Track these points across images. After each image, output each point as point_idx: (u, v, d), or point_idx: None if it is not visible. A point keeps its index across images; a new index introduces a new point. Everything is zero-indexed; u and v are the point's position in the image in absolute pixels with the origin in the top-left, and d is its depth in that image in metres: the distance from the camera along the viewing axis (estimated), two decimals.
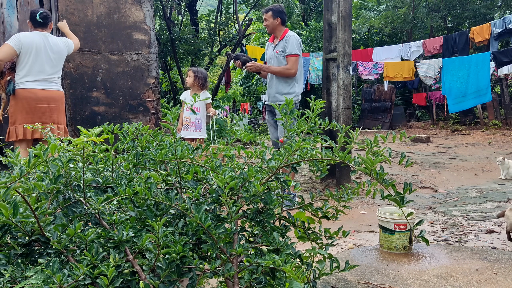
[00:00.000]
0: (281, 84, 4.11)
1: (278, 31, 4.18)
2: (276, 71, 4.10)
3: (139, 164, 1.47)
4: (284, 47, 4.08)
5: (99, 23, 4.64)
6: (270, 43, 4.30)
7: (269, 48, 4.30)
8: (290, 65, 4.04)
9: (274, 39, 4.25)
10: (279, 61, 4.11)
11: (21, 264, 1.15)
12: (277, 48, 4.13)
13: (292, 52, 4.03)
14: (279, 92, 4.12)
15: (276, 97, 4.14)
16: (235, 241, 1.29)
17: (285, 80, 4.11)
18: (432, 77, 10.45)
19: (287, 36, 4.10)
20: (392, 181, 1.31)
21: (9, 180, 1.09)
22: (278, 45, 4.14)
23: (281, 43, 4.11)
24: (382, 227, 2.61)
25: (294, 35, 4.10)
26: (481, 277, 2.10)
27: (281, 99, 4.06)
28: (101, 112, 4.69)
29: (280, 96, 4.10)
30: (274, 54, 4.15)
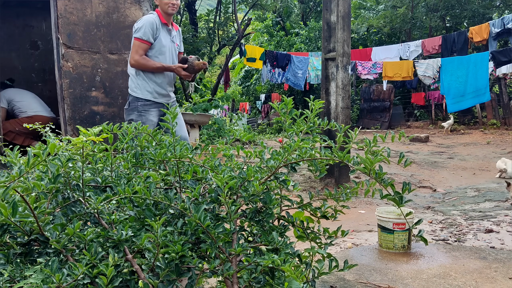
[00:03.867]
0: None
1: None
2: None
3: (138, 163, 1.47)
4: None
5: (98, 22, 4.63)
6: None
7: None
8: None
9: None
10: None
11: (20, 264, 1.15)
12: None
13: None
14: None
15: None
16: (234, 240, 1.29)
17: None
18: (431, 77, 10.46)
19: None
20: (391, 181, 1.31)
21: (8, 180, 1.09)
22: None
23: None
24: (381, 226, 2.61)
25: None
26: (480, 276, 2.10)
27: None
28: (100, 111, 4.68)
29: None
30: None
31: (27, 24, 6.52)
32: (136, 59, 3.13)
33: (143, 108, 3.17)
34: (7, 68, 6.09)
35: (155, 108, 3.21)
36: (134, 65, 3.18)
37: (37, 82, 6.61)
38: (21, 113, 5.16)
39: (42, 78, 6.66)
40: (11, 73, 6.07)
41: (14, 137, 4.97)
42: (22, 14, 6.42)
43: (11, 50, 6.39)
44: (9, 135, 4.94)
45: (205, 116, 6.83)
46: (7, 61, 6.24)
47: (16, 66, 6.42)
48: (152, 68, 3.15)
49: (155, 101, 3.20)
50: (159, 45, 3.16)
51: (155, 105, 3.20)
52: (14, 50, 6.43)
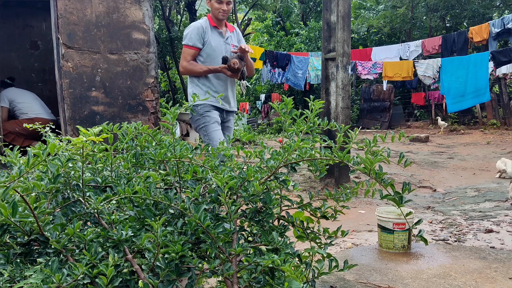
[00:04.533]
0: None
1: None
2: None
3: (138, 163, 1.47)
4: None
5: (98, 22, 4.64)
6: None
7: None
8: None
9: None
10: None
11: (20, 264, 1.15)
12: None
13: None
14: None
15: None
16: (234, 240, 1.29)
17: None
18: (431, 77, 10.46)
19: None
20: (391, 181, 1.31)
21: (8, 180, 1.09)
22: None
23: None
24: (381, 226, 2.61)
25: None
26: (480, 276, 2.10)
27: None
28: (100, 111, 4.68)
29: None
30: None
31: (27, 24, 6.52)
32: (183, 66, 3.13)
33: (203, 109, 3.11)
34: (7, 68, 6.09)
35: (215, 109, 3.15)
36: (183, 72, 3.19)
37: (37, 82, 6.62)
38: (21, 114, 5.16)
39: (42, 78, 6.67)
40: (11, 73, 6.07)
41: (14, 138, 4.97)
42: (22, 14, 6.43)
43: (11, 50, 6.40)
44: (9, 136, 4.94)
45: None
46: (7, 61, 6.24)
47: (16, 66, 6.43)
48: (199, 73, 3.12)
49: (214, 105, 3.13)
50: (209, 49, 3.12)
51: (214, 107, 3.14)
52: (14, 50, 6.43)
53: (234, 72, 3.06)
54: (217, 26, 3.18)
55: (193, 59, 3.13)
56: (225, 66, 3.05)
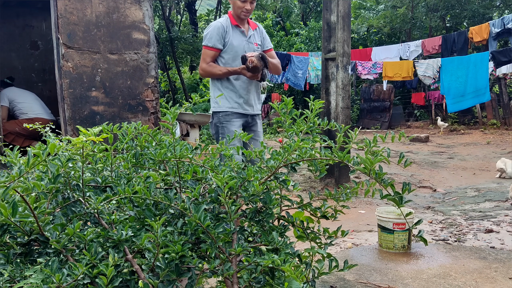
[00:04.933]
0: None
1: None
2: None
3: (138, 163, 1.47)
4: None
5: (98, 22, 4.63)
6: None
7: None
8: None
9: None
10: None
11: (20, 264, 1.15)
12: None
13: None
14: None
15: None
16: (234, 240, 1.29)
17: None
18: (431, 77, 10.46)
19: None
20: (391, 181, 1.31)
21: (8, 180, 1.09)
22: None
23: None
24: (381, 226, 2.61)
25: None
26: (480, 276, 2.10)
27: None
28: (100, 111, 4.68)
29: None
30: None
31: (27, 24, 6.52)
32: (203, 68, 2.98)
33: (224, 118, 2.97)
34: (7, 68, 6.09)
35: (237, 118, 2.98)
36: (202, 74, 3.04)
37: (37, 82, 6.62)
38: (21, 114, 5.16)
39: (42, 78, 6.67)
40: (11, 73, 6.08)
41: (14, 138, 4.97)
42: (22, 14, 6.43)
43: (11, 50, 6.40)
44: (9, 137, 4.94)
45: (205, 116, 6.83)
46: (7, 61, 6.24)
47: (16, 66, 6.43)
48: (218, 75, 2.96)
49: (235, 112, 2.97)
50: (231, 49, 2.97)
51: (236, 115, 2.98)
52: (14, 50, 6.43)
53: (253, 73, 2.87)
54: (239, 25, 3.01)
55: (213, 60, 2.97)
56: (244, 67, 2.87)
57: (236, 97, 2.98)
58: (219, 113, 2.98)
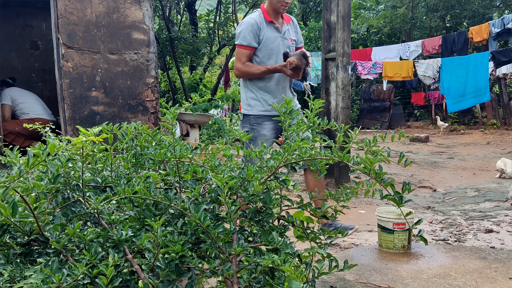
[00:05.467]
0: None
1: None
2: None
3: (138, 163, 1.47)
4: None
5: (98, 22, 4.63)
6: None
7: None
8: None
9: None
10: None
11: (20, 264, 1.15)
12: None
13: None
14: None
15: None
16: (234, 240, 1.29)
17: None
18: (431, 77, 10.46)
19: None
20: (391, 181, 1.31)
21: (8, 180, 1.09)
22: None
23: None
24: (381, 226, 2.61)
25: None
26: (480, 276, 2.10)
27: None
28: (100, 111, 4.68)
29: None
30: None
31: (27, 24, 6.52)
32: (238, 68, 2.84)
33: (255, 121, 2.84)
34: (7, 68, 6.09)
35: (269, 121, 2.84)
36: (238, 75, 2.90)
37: (37, 82, 6.62)
38: (22, 114, 5.17)
39: (42, 78, 6.67)
40: (11, 73, 6.08)
41: (14, 138, 4.98)
42: (22, 14, 6.43)
43: (11, 50, 6.40)
44: (9, 137, 4.94)
45: (205, 116, 6.83)
46: (7, 61, 6.24)
47: (16, 66, 6.43)
48: (257, 74, 2.81)
49: (269, 114, 2.83)
50: (266, 46, 2.82)
51: (269, 117, 2.83)
52: (14, 50, 6.43)
53: (295, 71, 2.73)
54: (273, 21, 2.85)
55: (248, 60, 2.83)
56: (285, 64, 2.73)
57: (270, 98, 2.85)
58: (250, 116, 2.87)
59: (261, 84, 2.85)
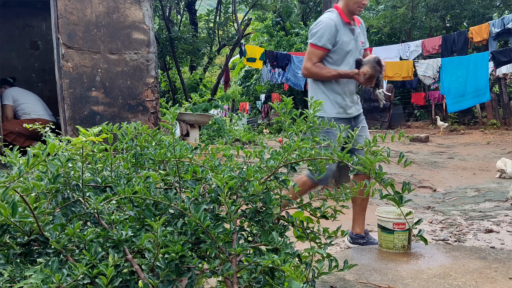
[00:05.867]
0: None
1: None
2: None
3: (138, 163, 1.47)
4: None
5: (98, 22, 4.64)
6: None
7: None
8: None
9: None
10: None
11: (20, 264, 1.15)
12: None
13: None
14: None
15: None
16: (234, 240, 1.29)
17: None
18: (431, 77, 10.46)
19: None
20: (390, 181, 1.31)
21: (7, 180, 1.09)
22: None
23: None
24: (381, 226, 2.61)
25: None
26: (480, 276, 2.10)
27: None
28: (100, 111, 4.68)
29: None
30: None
31: (27, 24, 6.52)
32: (307, 67, 2.74)
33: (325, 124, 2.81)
34: (7, 68, 6.10)
35: (341, 123, 2.71)
36: (306, 75, 2.79)
37: (37, 82, 6.62)
38: (24, 114, 5.17)
39: (42, 78, 6.67)
40: (11, 73, 6.08)
41: (15, 138, 4.98)
42: (22, 14, 6.43)
43: (11, 50, 6.40)
44: (10, 136, 4.94)
45: (205, 116, 6.83)
46: (7, 61, 6.25)
47: (16, 66, 6.43)
48: (326, 77, 2.71)
49: (340, 117, 2.76)
50: (340, 50, 2.72)
51: (341, 120, 2.74)
52: (14, 50, 6.43)
53: (368, 80, 2.65)
54: (350, 22, 2.74)
55: (319, 61, 2.72)
56: (358, 72, 2.64)
57: (341, 100, 2.76)
58: (322, 118, 2.74)
59: (333, 86, 2.75)
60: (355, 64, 2.70)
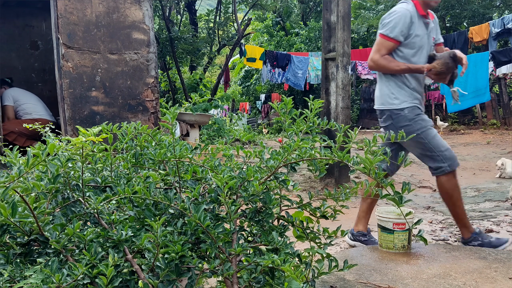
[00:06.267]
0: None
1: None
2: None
3: (138, 163, 1.47)
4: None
5: (98, 22, 4.63)
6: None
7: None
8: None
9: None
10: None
11: (20, 264, 1.15)
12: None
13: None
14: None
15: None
16: (234, 240, 1.29)
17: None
18: None
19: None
20: (390, 181, 1.31)
21: (7, 180, 1.09)
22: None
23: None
24: (381, 226, 2.61)
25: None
26: (480, 276, 2.10)
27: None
28: (100, 111, 4.68)
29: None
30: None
31: (27, 24, 6.52)
32: (375, 59, 2.60)
33: (413, 114, 2.61)
34: (7, 68, 6.10)
35: (421, 112, 2.67)
36: (372, 66, 2.66)
37: (37, 82, 6.62)
38: (25, 114, 5.18)
39: (42, 78, 6.67)
40: (11, 73, 6.08)
41: (16, 138, 4.98)
42: (22, 14, 6.43)
43: (11, 50, 6.40)
44: (11, 136, 4.95)
45: (205, 116, 6.83)
46: (7, 61, 6.25)
47: (16, 66, 6.43)
48: (394, 71, 2.59)
49: (420, 107, 2.67)
50: (414, 43, 2.58)
51: (420, 109, 2.67)
52: (14, 50, 6.44)
53: (440, 76, 2.54)
54: (425, 15, 2.60)
55: (389, 53, 2.59)
56: (429, 67, 2.54)
57: (413, 94, 2.65)
58: (404, 110, 2.62)
59: (407, 81, 2.63)
60: (428, 59, 2.57)
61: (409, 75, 2.62)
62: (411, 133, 2.46)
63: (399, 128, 2.63)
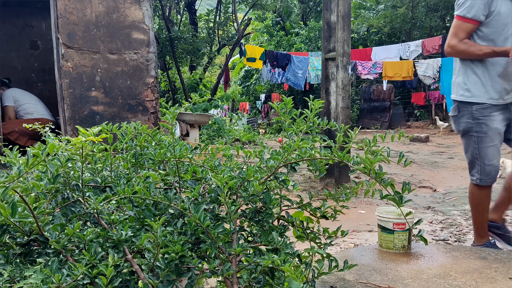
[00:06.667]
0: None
1: None
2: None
3: (138, 163, 1.47)
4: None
5: (98, 22, 4.63)
6: None
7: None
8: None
9: None
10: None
11: (20, 264, 1.14)
12: None
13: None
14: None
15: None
16: (234, 240, 1.29)
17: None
18: (431, 77, 10.47)
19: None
20: (391, 181, 1.31)
21: (7, 180, 1.09)
22: None
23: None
24: (381, 226, 2.61)
25: None
26: (480, 276, 2.10)
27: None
28: (100, 111, 4.68)
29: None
30: None
31: (27, 24, 6.52)
32: (452, 44, 2.31)
33: (480, 113, 2.33)
34: (7, 68, 6.10)
35: (497, 111, 2.34)
36: (450, 53, 2.36)
37: (37, 82, 6.62)
38: (26, 114, 5.19)
39: (42, 78, 6.67)
40: (11, 73, 6.08)
41: (18, 137, 4.99)
42: (22, 14, 6.43)
43: (11, 50, 6.40)
44: (13, 135, 4.95)
45: (205, 116, 6.83)
46: (7, 61, 6.25)
47: (16, 66, 6.43)
48: (476, 55, 2.27)
49: (495, 104, 2.33)
50: (497, 21, 2.22)
51: (496, 108, 2.34)
52: (14, 50, 6.44)
53: None
54: None
55: (468, 36, 2.27)
56: None
57: (498, 84, 2.31)
58: (472, 105, 2.36)
59: (489, 66, 2.30)
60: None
61: (497, 62, 2.29)
62: (468, 133, 2.35)
63: (460, 120, 2.43)
